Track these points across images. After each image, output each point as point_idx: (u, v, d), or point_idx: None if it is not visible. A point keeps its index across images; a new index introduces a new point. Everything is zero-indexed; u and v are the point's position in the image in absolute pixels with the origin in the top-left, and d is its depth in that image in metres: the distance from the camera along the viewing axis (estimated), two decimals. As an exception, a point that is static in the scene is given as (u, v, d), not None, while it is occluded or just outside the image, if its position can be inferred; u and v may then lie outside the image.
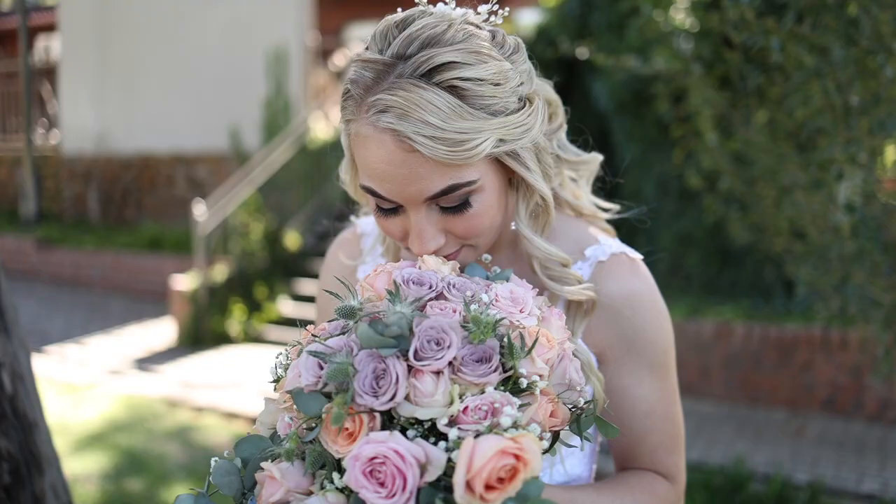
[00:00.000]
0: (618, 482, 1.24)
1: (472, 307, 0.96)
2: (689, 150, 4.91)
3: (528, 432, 0.87)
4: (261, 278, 9.55)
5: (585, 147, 1.38)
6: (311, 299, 9.55)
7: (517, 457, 0.85)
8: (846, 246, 3.19)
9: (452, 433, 0.88)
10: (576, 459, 1.31)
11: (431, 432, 0.92)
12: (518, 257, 1.27)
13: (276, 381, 1.06)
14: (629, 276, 1.26)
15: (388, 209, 1.13)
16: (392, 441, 0.87)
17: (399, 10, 1.15)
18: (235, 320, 9.17)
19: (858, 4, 2.95)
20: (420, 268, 1.07)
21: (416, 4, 1.15)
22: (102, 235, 12.90)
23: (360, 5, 16.23)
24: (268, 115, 11.46)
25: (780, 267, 6.79)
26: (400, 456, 0.86)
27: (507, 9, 1.18)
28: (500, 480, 0.85)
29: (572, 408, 1.01)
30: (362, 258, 1.42)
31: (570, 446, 1.06)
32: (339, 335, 1.01)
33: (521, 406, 0.93)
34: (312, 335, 1.02)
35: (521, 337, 0.96)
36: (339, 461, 0.93)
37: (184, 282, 9.24)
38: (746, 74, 3.68)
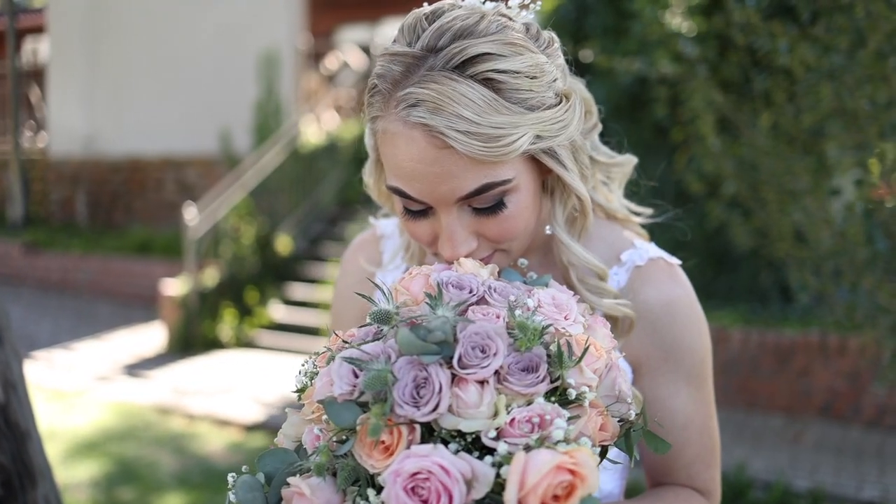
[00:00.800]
0: (653, 499, 1.18)
1: (517, 313, 0.90)
2: (690, 155, 4.87)
3: (582, 446, 0.81)
4: (252, 283, 9.47)
5: None
6: (303, 304, 9.48)
7: (573, 472, 0.79)
8: (858, 251, 3.14)
9: (501, 447, 0.81)
10: (607, 475, 1.24)
11: (474, 446, 0.85)
12: (550, 265, 1.21)
13: (301, 390, 1.00)
14: (668, 281, 1.20)
15: (417, 211, 1.07)
16: (436, 455, 0.81)
17: (425, 3, 1.09)
18: (226, 325, 9.08)
19: (864, 7, 2.92)
20: (457, 271, 1.00)
21: (411, 6, 1.08)
22: (90, 239, 12.78)
23: (352, 8, 16.17)
24: (259, 118, 11.39)
25: (777, 272, 6.76)
26: (445, 471, 0.80)
27: (538, 2, 1.12)
28: (556, 498, 0.79)
29: (621, 421, 0.95)
30: (382, 264, 1.35)
31: (616, 462, 1.00)
32: (371, 341, 0.94)
33: (569, 419, 0.86)
34: (343, 341, 0.96)
35: (569, 345, 0.89)
36: (373, 476, 0.86)
37: (174, 286, 9.14)
38: (752, 77, 3.64)
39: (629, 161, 1.26)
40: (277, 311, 9.51)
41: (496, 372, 0.86)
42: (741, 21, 3.54)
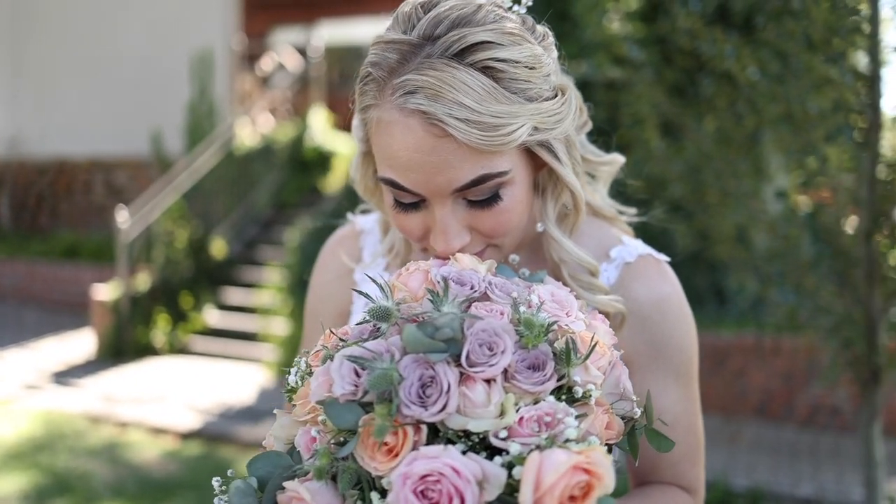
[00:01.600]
0: (642, 497, 1.17)
1: (521, 309, 0.88)
2: (634, 158, 4.92)
3: (596, 445, 0.79)
4: (186, 287, 9.28)
5: None
6: (238, 309, 9.32)
7: (589, 472, 0.77)
8: (801, 253, 3.20)
9: (514, 447, 0.78)
10: None
11: (480, 446, 0.83)
12: (540, 262, 1.18)
13: (292, 390, 0.96)
14: (658, 278, 1.19)
15: (410, 204, 1.03)
16: (446, 456, 0.78)
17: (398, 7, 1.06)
18: (160, 331, 8.88)
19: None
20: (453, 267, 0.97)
21: (346, 9, 1.05)
22: (15, 243, 12.37)
23: (286, 9, 16.01)
24: (191, 119, 11.19)
25: (712, 274, 6.89)
26: (457, 473, 0.77)
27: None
28: (573, 499, 0.76)
29: (624, 419, 0.93)
30: (362, 260, 1.31)
31: (617, 462, 0.98)
32: (368, 339, 0.91)
33: (576, 417, 0.84)
34: (340, 339, 0.92)
35: (573, 342, 0.87)
36: (376, 479, 0.83)
37: (105, 291, 8.90)
38: (698, 81, 3.69)
39: (616, 160, 1.25)
40: (212, 316, 9.34)
41: (504, 370, 0.84)
42: (686, 26, 3.59)
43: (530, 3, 1.10)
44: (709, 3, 3.65)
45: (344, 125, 12.27)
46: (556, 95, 1.04)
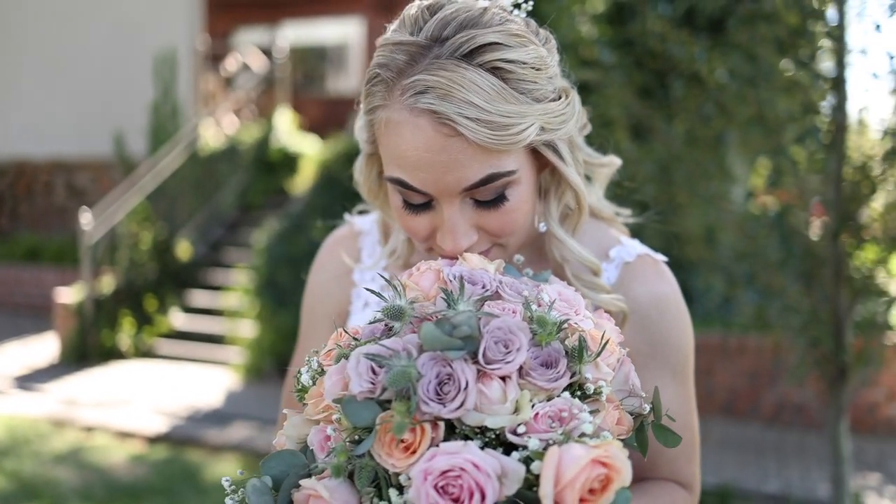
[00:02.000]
0: (641, 493, 1.19)
1: (533, 308, 0.89)
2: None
3: (612, 440, 0.81)
4: (151, 290, 9.18)
5: None
6: (204, 311, 9.25)
7: (607, 465, 0.79)
8: (771, 254, 3.26)
9: (532, 442, 0.80)
10: None
11: (495, 442, 0.84)
12: (542, 262, 1.20)
13: (302, 390, 0.96)
14: (656, 278, 1.22)
15: (418, 204, 1.05)
16: (466, 452, 0.79)
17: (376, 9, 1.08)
18: (125, 334, 8.78)
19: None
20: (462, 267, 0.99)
21: (310, 10, 1.07)
22: (-26, 246, 12.16)
23: (250, 9, 15.91)
24: (155, 120, 11.06)
25: (679, 274, 6.96)
26: (478, 468, 0.78)
27: (530, 2, 1.12)
28: (592, 492, 0.78)
29: (633, 415, 0.95)
30: (361, 261, 1.32)
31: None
32: (379, 338, 0.92)
33: (589, 413, 0.86)
34: (353, 338, 0.93)
35: (583, 340, 0.89)
36: (390, 476, 0.84)
37: (68, 294, 8.77)
38: (669, 84, 3.74)
39: (613, 162, 1.27)
40: (178, 318, 9.25)
41: (519, 367, 0.85)
42: (656, 30, 3.64)
43: (530, 7, 1.11)
44: (679, 6, 3.69)
45: (309, 126, 12.30)
46: (560, 97, 1.06)
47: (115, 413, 6.85)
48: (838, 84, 3.45)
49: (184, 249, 9.83)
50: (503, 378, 0.85)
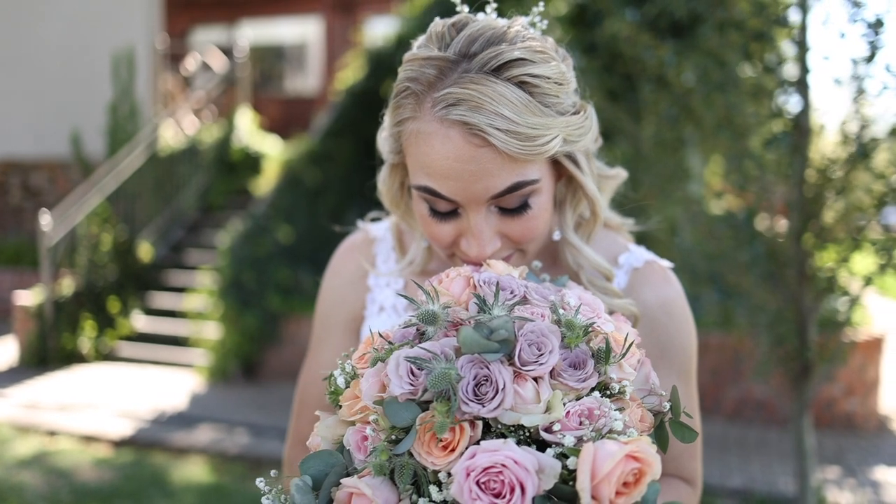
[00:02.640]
0: None
1: (560, 312, 0.94)
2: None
3: (642, 436, 0.86)
4: (112, 292, 9.08)
5: None
6: (167, 313, 9.17)
7: (639, 460, 0.84)
8: (740, 254, 3.35)
9: (568, 439, 0.85)
10: None
11: (528, 440, 0.89)
12: (556, 269, 1.26)
13: (335, 392, 1.00)
14: (664, 283, 1.27)
15: (444, 212, 1.10)
16: (507, 449, 0.83)
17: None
18: (86, 337, 8.67)
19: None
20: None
21: (269, 9, 1.12)
22: (-75, 248, 11.90)
23: (207, 8, 15.79)
24: (113, 120, 10.90)
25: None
26: (518, 464, 0.82)
27: (545, 21, 1.17)
28: (626, 485, 0.83)
29: (653, 413, 1.00)
30: (376, 267, 1.36)
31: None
32: (411, 342, 0.96)
33: (616, 411, 0.91)
34: (388, 342, 0.97)
35: (609, 342, 0.94)
36: (428, 474, 0.88)
37: (27, 297, 8.64)
38: (639, 87, 3.82)
39: (620, 174, 1.32)
40: (140, 321, 9.16)
41: (551, 368, 0.90)
42: (625, 34, 3.71)
43: (545, 27, 1.16)
44: (648, 10, 3.77)
45: (268, 126, 12.24)
46: (578, 112, 1.11)
47: (78, 417, 6.78)
48: (801, 89, 3.56)
49: (145, 251, 9.74)
50: (536, 379, 0.89)
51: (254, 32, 15.53)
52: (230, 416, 7.00)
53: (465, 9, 1.15)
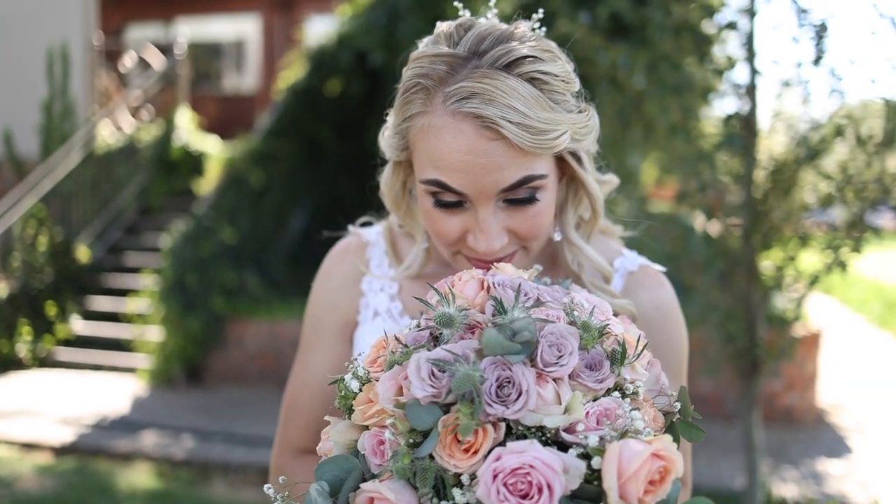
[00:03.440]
0: None
1: (575, 314, 0.95)
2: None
3: (662, 435, 0.87)
4: (49, 295, 8.85)
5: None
6: (106, 317, 8.98)
7: (664, 458, 0.85)
8: (695, 255, 3.41)
9: (592, 439, 0.86)
10: None
11: (549, 441, 0.89)
12: (555, 270, 1.27)
13: (346, 397, 0.99)
14: (658, 286, 1.29)
15: (452, 204, 1.10)
16: (533, 450, 0.84)
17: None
18: (22, 342, 8.43)
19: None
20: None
21: (206, 6, 1.12)
22: None
23: (142, 5, 15.51)
24: (47, 118, 10.63)
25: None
26: (546, 465, 0.83)
27: (544, 29, 1.18)
28: (652, 483, 0.84)
29: (663, 413, 1.01)
30: (369, 270, 1.35)
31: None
32: (425, 345, 0.95)
33: (632, 411, 0.92)
34: (404, 344, 0.96)
35: (624, 343, 0.95)
36: (446, 477, 0.88)
37: (-41, 301, 8.38)
38: (591, 88, 3.86)
39: (613, 181, 1.33)
40: (78, 325, 8.95)
41: (570, 369, 0.91)
42: (581, 35, 3.75)
43: (544, 32, 1.18)
44: (601, 12, 3.82)
45: (207, 125, 12.06)
46: (583, 111, 1.13)
47: (17, 424, 6.59)
48: (750, 91, 3.64)
49: (82, 253, 9.52)
50: (555, 380, 0.90)
51: (190, 30, 15.29)
52: (175, 421, 6.88)
53: (468, 13, 1.15)
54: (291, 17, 15.40)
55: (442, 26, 1.12)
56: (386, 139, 1.20)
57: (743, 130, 3.61)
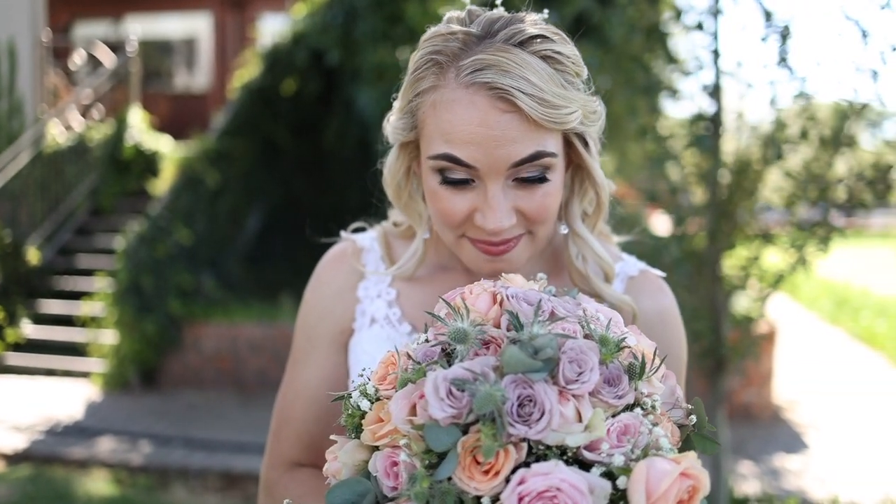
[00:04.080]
0: None
1: (592, 327, 0.92)
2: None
3: (689, 452, 0.85)
4: (-3, 299, 8.62)
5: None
6: (57, 321, 8.78)
7: (692, 476, 0.83)
8: (668, 253, 3.42)
9: (617, 458, 0.83)
10: None
11: (571, 460, 0.86)
12: (558, 269, 1.26)
13: (353, 416, 0.96)
14: (659, 292, 1.28)
15: (460, 182, 1.08)
16: (559, 472, 0.81)
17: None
18: (-30, 347, 8.21)
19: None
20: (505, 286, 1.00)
21: (156, 3, 1.11)
22: None
23: (90, 2, 15.22)
24: (-7, 117, 10.38)
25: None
26: (573, 486, 0.80)
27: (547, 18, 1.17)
28: (681, 502, 0.82)
29: (679, 426, 0.99)
30: (365, 277, 1.31)
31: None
32: (437, 361, 0.92)
33: (653, 426, 0.90)
34: (415, 361, 0.93)
35: (643, 357, 0.93)
36: (466, 499, 0.85)
37: None
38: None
39: (610, 185, 1.31)
40: (28, 328, 8.72)
41: (590, 386, 0.88)
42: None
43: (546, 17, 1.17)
44: (566, 13, 3.81)
45: (158, 123, 11.85)
46: (591, 97, 1.13)
47: (-34, 432, 6.42)
48: (715, 92, 3.67)
49: (32, 255, 9.29)
50: (576, 396, 0.87)
51: (140, 27, 15.03)
52: (131, 427, 6.75)
53: (475, 8, 1.15)
54: (244, 15, 15.22)
55: (452, 13, 1.13)
56: (391, 123, 1.18)
57: (708, 131, 3.63)
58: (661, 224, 6.46)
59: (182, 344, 8.01)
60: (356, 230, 1.39)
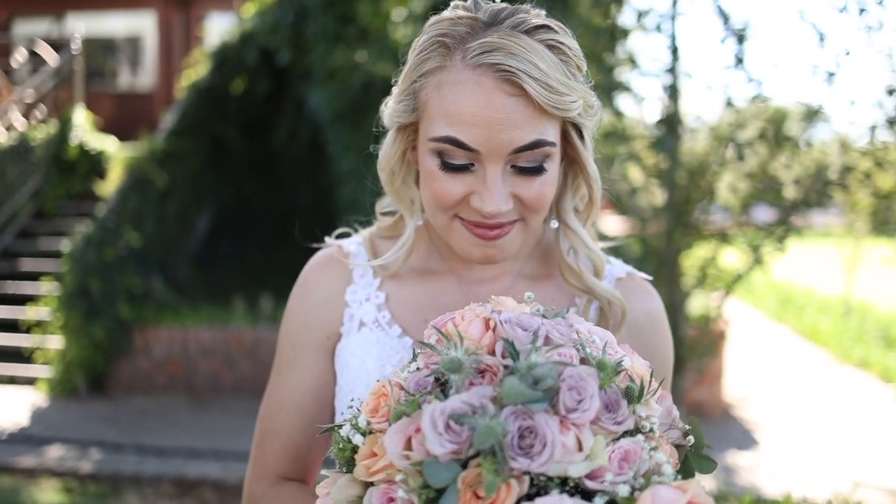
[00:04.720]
0: None
1: (588, 350, 0.90)
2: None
3: (694, 479, 0.84)
4: (-62, 305, 8.36)
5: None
6: (1, 326, 8.53)
7: (696, 504, 0.81)
8: (627, 253, 3.43)
9: (623, 489, 0.81)
10: None
11: (573, 490, 0.84)
12: (548, 269, 1.26)
13: (344, 450, 0.92)
14: (647, 294, 1.28)
15: (458, 167, 1.07)
16: (564, 505, 0.79)
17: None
18: None
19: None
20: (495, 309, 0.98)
21: (101, 4, 1.09)
22: None
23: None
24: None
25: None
26: (579, 521, 0.78)
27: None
28: (687, 532, 0.81)
29: (676, 446, 0.98)
30: (353, 281, 1.29)
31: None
32: (429, 392, 0.89)
33: (652, 450, 0.88)
34: (409, 393, 0.90)
35: (643, 380, 0.91)
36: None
37: None
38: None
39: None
40: (-30, 335, 8.48)
41: (591, 413, 0.86)
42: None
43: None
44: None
45: (102, 124, 11.61)
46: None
47: None
48: (673, 94, 3.69)
49: (-28, 259, 9.04)
50: (576, 425, 0.85)
51: (83, 25, 14.71)
52: (80, 434, 6.61)
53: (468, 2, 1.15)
54: (189, 13, 15.00)
55: (456, 3, 1.13)
56: (390, 107, 1.16)
57: (667, 132, 3.66)
58: (612, 225, 6.50)
59: (132, 348, 7.85)
60: (340, 236, 1.36)
